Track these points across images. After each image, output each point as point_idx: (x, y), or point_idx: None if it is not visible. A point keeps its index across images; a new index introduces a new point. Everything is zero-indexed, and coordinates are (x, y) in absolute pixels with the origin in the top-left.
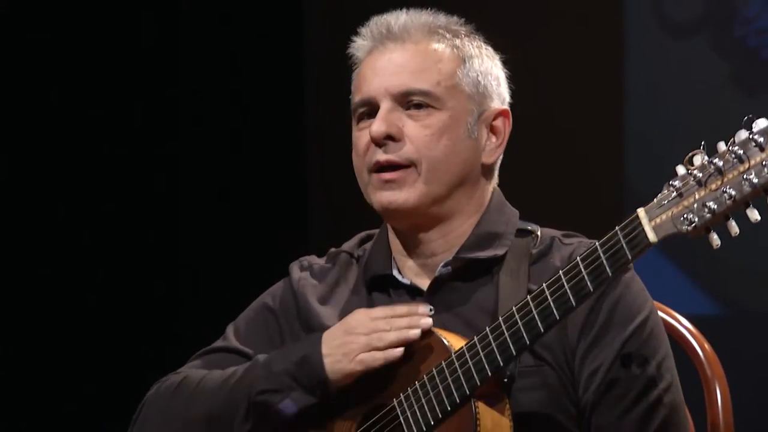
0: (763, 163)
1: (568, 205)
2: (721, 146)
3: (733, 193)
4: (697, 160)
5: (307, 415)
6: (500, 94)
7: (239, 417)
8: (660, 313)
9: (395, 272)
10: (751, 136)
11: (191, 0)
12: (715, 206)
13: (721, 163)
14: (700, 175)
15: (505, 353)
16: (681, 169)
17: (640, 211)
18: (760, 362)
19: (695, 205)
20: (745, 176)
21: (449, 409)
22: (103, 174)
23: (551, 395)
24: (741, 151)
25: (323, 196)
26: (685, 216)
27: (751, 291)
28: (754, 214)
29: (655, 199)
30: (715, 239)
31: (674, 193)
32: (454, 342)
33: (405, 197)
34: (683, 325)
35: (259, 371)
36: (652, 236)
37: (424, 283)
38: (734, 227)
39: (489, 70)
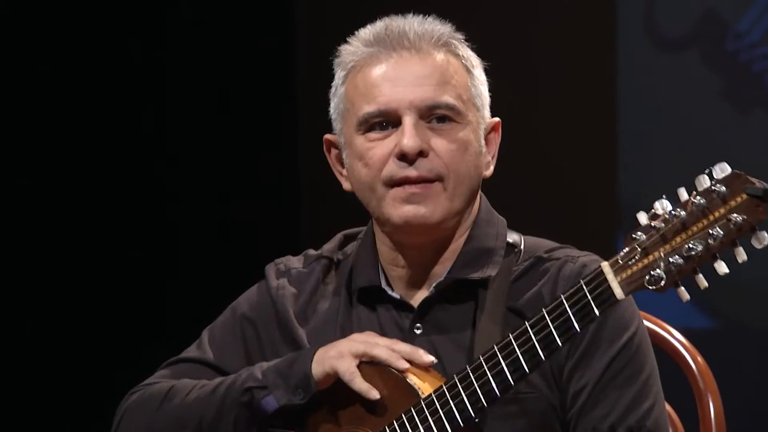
0: (728, 217)
1: (559, 219)
2: (683, 194)
3: (699, 248)
4: (659, 208)
5: (287, 419)
6: (488, 105)
7: (229, 419)
8: (653, 327)
9: (384, 285)
10: (712, 186)
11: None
12: (681, 261)
13: (684, 215)
14: (664, 226)
15: (476, 405)
16: (643, 218)
17: (605, 266)
18: (752, 375)
19: (661, 262)
20: (710, 230)
21: None
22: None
23: (532, 422)
24: (703, 201)
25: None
26: (651, 273)
27: (744, 304)
28: (721, 267)
29: (620, 254)
30: (684, 293)
31: (638, 249)
32: (425, 385)
33: (431, 211)
34: (676, 338)
35: (248, 373)
36: (619, 292)
37: (413, 298)
38: (702, 281)
39: (484, 80)
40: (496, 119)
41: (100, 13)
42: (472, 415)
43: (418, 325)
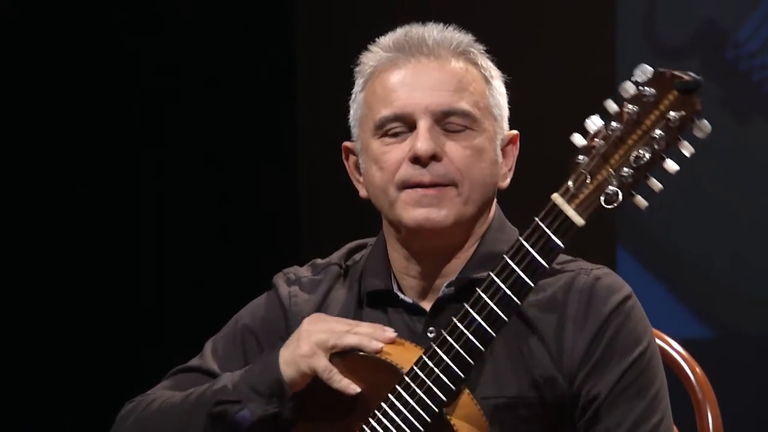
0: (666, 116)
1: None
2: (613, 106)
3: (646, 155)
4: (593, 126)
5: (267, 428)
6: (506, 116)
7: (198, 429)
8: None
9: (395, 289)
10: (640, 91)
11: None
12: (632, 172)
13: (620, 126)
14: (604, 143)
15: (462, 364)
16: (580, 140)
17: (556, 197)
18: (751, 386)
19: (612, 178)
20: (651, 134)
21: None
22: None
23: (542, 428)
24: (636, 108)
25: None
26: (606, 191)
27: (743, 314)
28: (671, 166)
29: (568, 182)
30: (641, 200)
31: (585, 172)
32: (403, 359)
33: (445, 215)
34: (675, 348)
35: (220, 384)
36: (578, 219)
37: (425, 303)
38: (656, 183)
39: (503, 93)
40: (514, 132)
41: (97, 10)
42: (460, 374)
43: (431, 328)
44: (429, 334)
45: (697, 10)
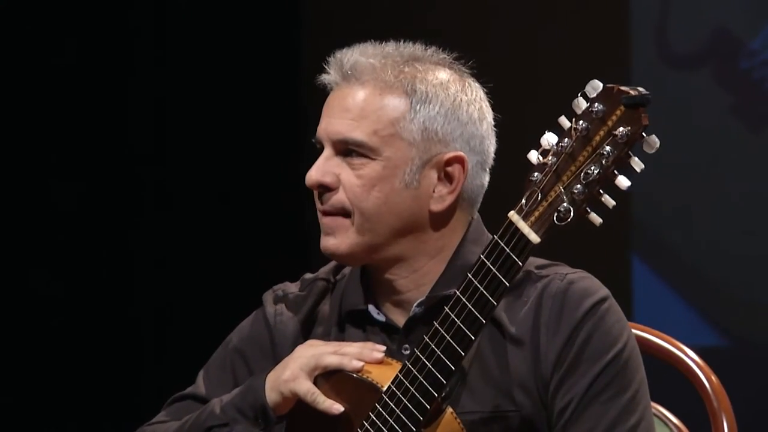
0: (613, 133)
1: (571, 238)
2: (565, 122)
3: (596, 171)
4: (546, 143)
5: None
6: (464, 135)
7: None
8: (666, 345)
9: (371, 307)
10: (589, 107)
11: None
12: (583, 188)
13: (571, 143)
14: (556, 160)
15: (434, 383)
16: (534, 157)
17: (512, 215)
18: (767, 394)
19: (564, 195)
20: (600, 151)
21: None
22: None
23: None
24: (585, 124)
25: None
26: (558, 209)
27: (759, 323)
28: (623, 182)
29: (522, 199)
30: (595, 217)
31: (538, 190)
32: (384, 377)
33: (337, 244)
34: (690, 357)
35: (209, 408)
36: (534, 237)
37: (399, 321)
38: (609, 200)
39: (446, 113)
40: (454, 153)
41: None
42: (434, 394)
43: (405, 346)
44: (404, 351)
45: (711, 18)
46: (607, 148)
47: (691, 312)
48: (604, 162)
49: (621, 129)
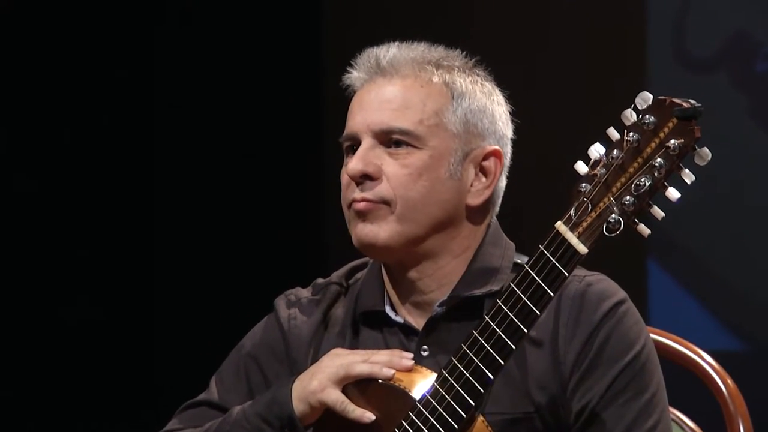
0: (666, 145)
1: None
2: (615, 134)
3: (647, 183)
4: (595, 154)
5: None
6: (496, 132)
7: None
8: (683, 349)
9: (388, 309)
10: (640, 119)
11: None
12: (634, 200)
13: (621, 154)
14: (605, 171)
15: (472, 392)
16: (583, 168)
17: (559, 226)
18: None
19: (614, 207)
20: (651, 162)
21: None
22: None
23: None
24: (636, 136)
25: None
26: (608, 220)
27: None
28: (673, 194)
29: (570, 210)
30: (644, 228)
31: (587, 200)
32: (416, 385)
33: (376, 231)
34: (706, 361)
35: (233, 417)
36: (581, 248)
37: (418, 322)
38: (658, 212)
39: (482, 108)
40: (492, 147)
41: (116, 4)
42: (471, 403)
43: (425, 347)
44: (423, 353)
45: (728, 22)
46: (659, 160)
47: (707, 316)
48: (655, 174)
49: (673, 141)
